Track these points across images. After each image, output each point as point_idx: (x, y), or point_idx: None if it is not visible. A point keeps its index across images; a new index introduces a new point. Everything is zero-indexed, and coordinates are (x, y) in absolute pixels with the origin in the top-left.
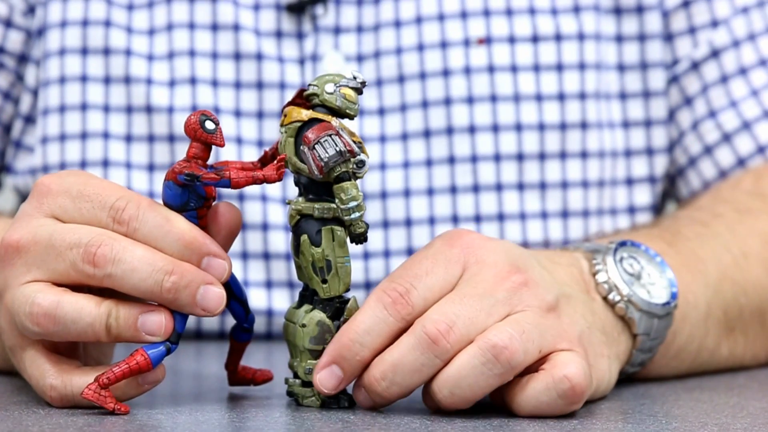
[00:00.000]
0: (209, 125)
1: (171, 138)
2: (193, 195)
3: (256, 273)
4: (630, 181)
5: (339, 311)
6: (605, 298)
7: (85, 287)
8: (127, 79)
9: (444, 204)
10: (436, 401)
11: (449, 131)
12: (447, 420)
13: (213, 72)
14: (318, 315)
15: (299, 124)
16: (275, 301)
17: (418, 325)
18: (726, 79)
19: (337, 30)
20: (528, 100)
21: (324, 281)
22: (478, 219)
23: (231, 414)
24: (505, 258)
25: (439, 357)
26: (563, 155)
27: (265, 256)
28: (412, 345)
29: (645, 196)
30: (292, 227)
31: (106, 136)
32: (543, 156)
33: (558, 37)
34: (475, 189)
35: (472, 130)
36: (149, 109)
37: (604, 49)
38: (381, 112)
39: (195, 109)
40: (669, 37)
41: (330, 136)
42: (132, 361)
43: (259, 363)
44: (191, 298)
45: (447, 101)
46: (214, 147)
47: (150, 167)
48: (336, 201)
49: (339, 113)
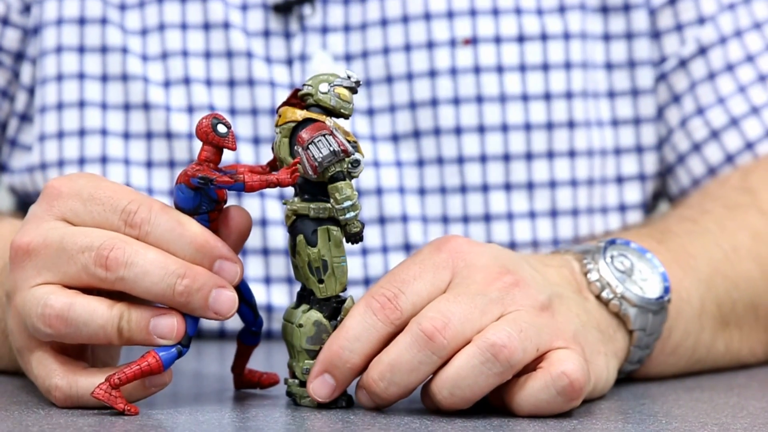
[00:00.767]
0: (221, 129)
1: (168, 135)
2: (205, 198)
3: (255, 269)
4: (620, 179)
5: (336, 311)
6: (598, 296)
7: (95, 290)
8: (124, 77)
9: (435, 204)
10: (435, 402)
11: (437, 132)
12: (447, 420)
13: (206, 71)
14: (315, 315)
15: (293, 124)
16: (274, 297)
17: (413, 324)
18: (713, 76)
19: (325, 29)
20: (514, 100)
21: (320, 281)
22: (465, 220)
23: (231, 414)
24: (495, 260)
25: (436, 354)
26: (550, 155)
27: (264, 251)
28: (408, 343)
29: (635, 193)
30: (288, 227)
31: (104, 133)
32: (530, 156)
33: (544, 37)
34: (463, 190)
35: (458, 131)
36: (146, 106)
37: (591, 48)
38: (371, 112)
39: (191, 109)
40: (656, 35)
41: (324, 136)
42: (143, 363)
43: (259, 362)
44: (203, 301)
45: (434, 102)
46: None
47: (148, 164)
48: (331, 201)
49: (334, 113)
